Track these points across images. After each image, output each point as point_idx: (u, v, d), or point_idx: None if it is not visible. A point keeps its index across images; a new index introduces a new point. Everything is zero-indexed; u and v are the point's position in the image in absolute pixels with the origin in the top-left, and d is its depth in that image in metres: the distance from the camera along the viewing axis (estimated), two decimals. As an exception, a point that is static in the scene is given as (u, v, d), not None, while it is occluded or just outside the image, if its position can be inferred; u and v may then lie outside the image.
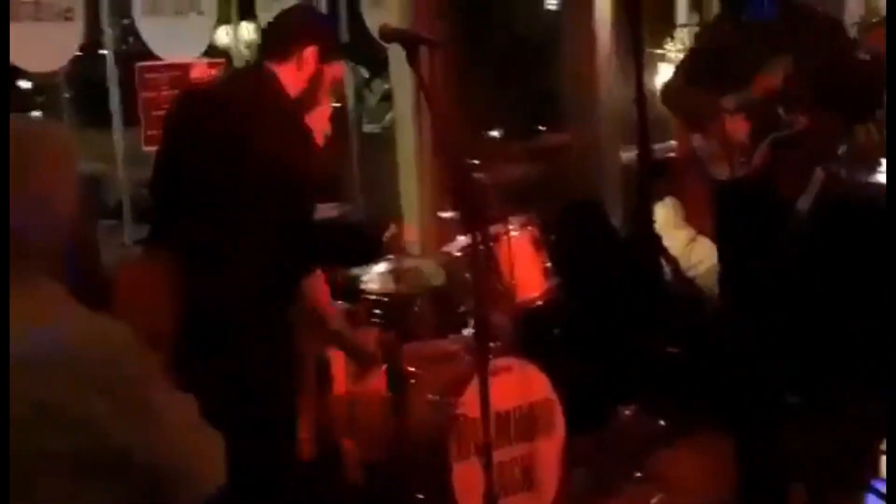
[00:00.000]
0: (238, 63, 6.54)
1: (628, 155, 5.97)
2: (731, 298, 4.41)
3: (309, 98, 3.41)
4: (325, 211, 4.55)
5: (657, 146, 5.19)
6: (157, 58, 5.52)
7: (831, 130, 4.36)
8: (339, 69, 3.56)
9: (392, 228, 4.66)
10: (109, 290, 2.00)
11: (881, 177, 4.84)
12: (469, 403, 3.90)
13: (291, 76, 3.37)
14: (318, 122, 3.45)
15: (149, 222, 3.42)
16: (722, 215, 4.36)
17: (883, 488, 4.17)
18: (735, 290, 4.35)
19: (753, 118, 4.16)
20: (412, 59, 3.14)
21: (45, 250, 1.76)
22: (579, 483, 4.43)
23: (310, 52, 3.37)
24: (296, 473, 3.94)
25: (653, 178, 4.89)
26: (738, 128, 4.16)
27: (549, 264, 4.60)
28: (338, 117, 4.89)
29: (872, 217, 4.42)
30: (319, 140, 3.45)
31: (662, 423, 4.76)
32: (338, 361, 4.32)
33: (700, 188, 4.44)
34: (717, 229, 4.41)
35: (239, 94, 3.36)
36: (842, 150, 5.16)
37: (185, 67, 5.57)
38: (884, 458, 4.36)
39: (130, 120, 5.38)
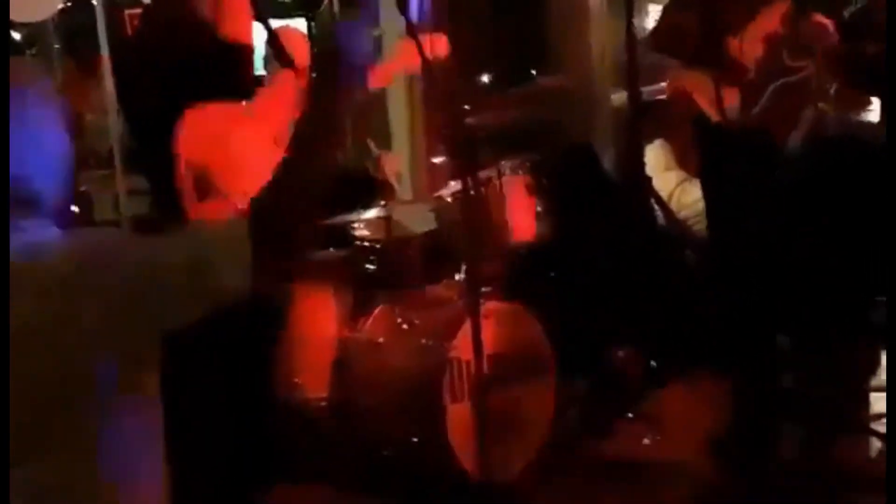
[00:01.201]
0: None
1: (619, 97, 5.96)
2: (719, 241, 4.42)
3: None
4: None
5: (647, 88, 5.17)
6: (146, 5, 5.48)
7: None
8: None
9: (374, 149, 4.66)
10: None
11: (870, 116, 4.84)
12: (462, 347, 3.94)
13: None
14: None
15: (140, 170, 3.48)
16: (715, 157, 4.34)
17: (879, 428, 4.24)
18: (725, 232, 4.36)
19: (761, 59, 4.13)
20: (402, 5, 3.12)
21: (35, 191, 1.78)
22: (571, 424, 4.47)
23: None
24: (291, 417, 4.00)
25: (642, 119, 4.89)
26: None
27: (540, 208, 4.62)
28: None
29: (864, 155, 4.42)
30: None
31: (654, 364, 4.80)
32: (328, 305, 4.34)
33: (690, 131, 4.43)
34: (705, 170, 4.39)
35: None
36: (832, 89, 5.16)
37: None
38: (875, 396, 4.43)
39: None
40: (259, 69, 4.13)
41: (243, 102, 3.57)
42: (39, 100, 1.80)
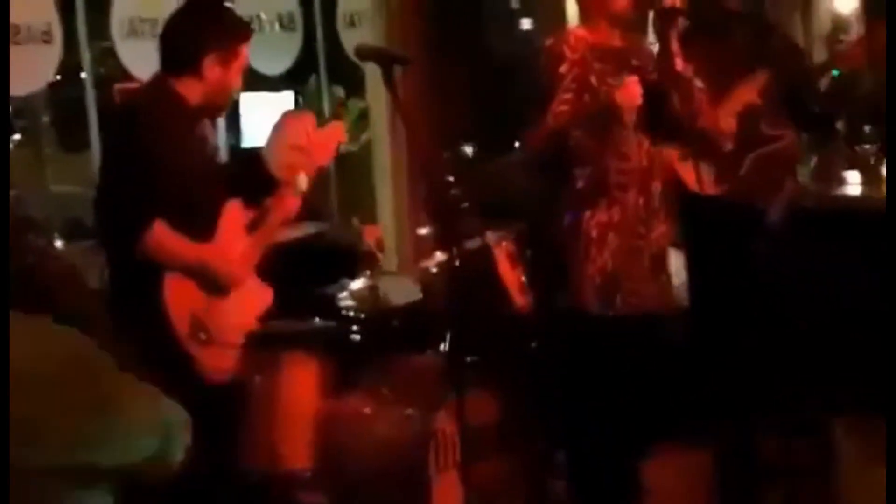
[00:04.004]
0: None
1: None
2: (706, 313, 4.44)
3: (213, 99, 3.50)
4: (302, 229, 4.59)
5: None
6: (136, 80, 5.52)
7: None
8: (244, 57, 3.53)
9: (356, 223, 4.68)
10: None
11: (846, 189, 4.91)
12: (447, 418, 3.94)
13: (192, 88, 3.43)
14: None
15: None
16: (699, 230, 4.37)
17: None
18: (712, 304, 4.38)
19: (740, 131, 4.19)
20: (388, 78, 3.16)
21: None
22: (558, 495, 4.45)
23: (210, 61, 3.41)
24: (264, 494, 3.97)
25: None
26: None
27: (525, 279, 4.63)
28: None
29: (846, 226, 4.47)
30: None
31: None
32: (313, 375, 4.33)
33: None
34: (687, 242, 4.42)
35: (143, 108, 3.47)
36: (812, 162, 5.23)
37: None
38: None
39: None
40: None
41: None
42: None
